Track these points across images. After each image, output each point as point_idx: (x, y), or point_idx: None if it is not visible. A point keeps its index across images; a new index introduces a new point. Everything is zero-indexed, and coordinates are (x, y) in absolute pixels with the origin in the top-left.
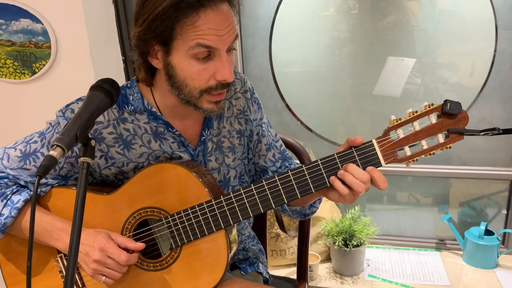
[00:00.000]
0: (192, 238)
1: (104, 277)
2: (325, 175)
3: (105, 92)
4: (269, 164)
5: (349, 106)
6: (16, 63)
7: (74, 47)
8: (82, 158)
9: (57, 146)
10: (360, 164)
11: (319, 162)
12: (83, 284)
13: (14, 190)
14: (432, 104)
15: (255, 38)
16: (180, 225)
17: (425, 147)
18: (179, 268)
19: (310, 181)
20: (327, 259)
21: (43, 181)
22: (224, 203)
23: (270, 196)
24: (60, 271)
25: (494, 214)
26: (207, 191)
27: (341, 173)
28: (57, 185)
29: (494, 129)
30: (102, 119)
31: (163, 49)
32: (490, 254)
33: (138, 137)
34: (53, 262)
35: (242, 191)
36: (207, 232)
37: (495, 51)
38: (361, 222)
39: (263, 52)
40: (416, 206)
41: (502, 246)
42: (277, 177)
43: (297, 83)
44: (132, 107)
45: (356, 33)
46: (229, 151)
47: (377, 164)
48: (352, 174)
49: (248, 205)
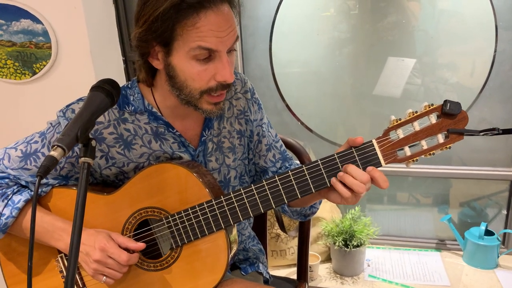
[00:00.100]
0: (193, 238)
1: (105, 277)
2: (325, 175)
3: (106, 93)
4: (269, 165)
5: (349, 107)
6: (17, 64)
7: (75, 48)
8: (83, 159)
9: (58, 147)
10: (360, 164)
11: (319, 162)
12: (84, 284)
13: (15, 190)
14: (432, 104)
15: (255, 39)
16: (181, 225)
17: (425, 147)
18: (179, 268)
19: (310, 181)
20: (327, 259)
21: (44, 181)
22: (225, 203)
23: (271, 196)
24: (61, 271)
25: (494, 215)
26: (208, 191)
27: (341, 175)
28: (58, 185)
29: (494, 129)
30: (103, 120)
31: (164, 50)
32: (490, 255)
33: (139, 138)
34: (54, 262)
35: (243, 191)
36: (208, 232)
37: (495, 52)
38: (361, 223)
39: (263, 53)
40: (416, 207)
41: (502, 247)
42: (277, 177)
43: (297, 84)
44: (133, 108)
45: (356, 34)
46: (230, 152)
47: (377, 164)
48: (352, 175)
49: (249, 205)
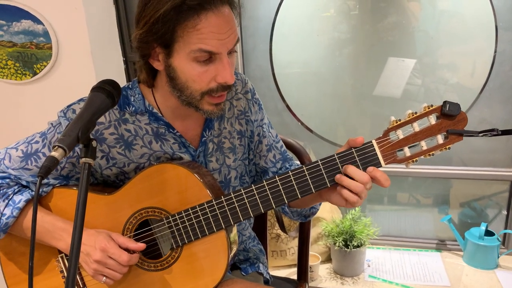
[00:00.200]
0: (193, 238)
1: (105, 278)
2: (325, 176)
3: (107, 93)
4: (270, 165)
5: (350, 107)
6: (17, 64)
7: (75, 48)
8: (84, 159)
9: (59, 147)
10: (360, 165)
11: (320, 163)
12: (84, 284)
13: (16, 190)
14: (432, 105)
15: (256, 39)
16: (181, 225)
17: (425, 148)
18: (180, 268)
19: (311, 182)
20: (328, 260)
21: (45, 181)
22: (225, 203)
23: (271, 196)
24: (61, 271)
25: (495, 215)
26: (208, 192)
27: (338, 178)
28: (59, 185)
29: (493, 130)
30: (103, 120)
31: (164, 52)
32: (491, 255)
33: (139, 138)
34: (54, 262)
35: (243, 191)
36: (208, 232)
37: (495, 52)
38: (362, 223)
39: (264, 53)
40: (417, 207)
41: (503, 247)
42: (278, 178)
43: (298, 84)
44: (133, 108)
45: (357, 34)
46: (230, 152)
47: (377, 165)
48: (352, 176)
49: (249, 205)
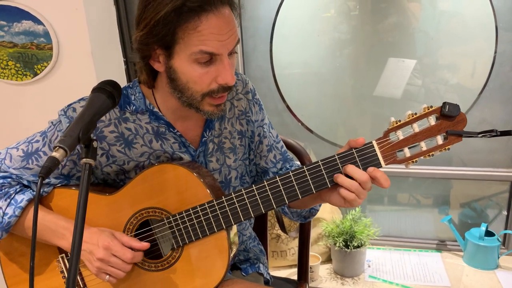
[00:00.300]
0: (194, 238)
1: (108, 276)
2: (326, 176)
3: (107, 94)
4: (270, 165)
5: (350, 107)
6: (18, 65)
7: (76, 49)
8: (84, 159)
9: (60, 148)
10: (361, 165)
11: (320, 163)
12: (84, 285)
13: (18, 190)
14: (431, 106)
15: (256, 40)
16: (182, 225)
17: (424, 149)
18: (181, 268)
19: (311, 182)
20: (328, 260)
21: (46, 181)
22: (226, 203)
23: (271, 197)
24: (62, 271)
25: (495, 215)
26: (209, 192)
27: (337, 177)
28: (59, 186)
29: (492, 131)
30: (104, 118)
31: (165, 53)
32: (491, 255)
33: (140, 137)
34: (55, 263)
35: (244, 191)
36: (209, 233)
37: (495, 53)
38: (362, 223)
39: (264, 54)
40: (417, 207)
41: (503, 247)
42: (278, 178)
43: (298, 85)
44: (134, 107)
45: (357, 35)
46: (230, 152)
47: (377, 165)
48: (352, 175)
49: (250, 205)
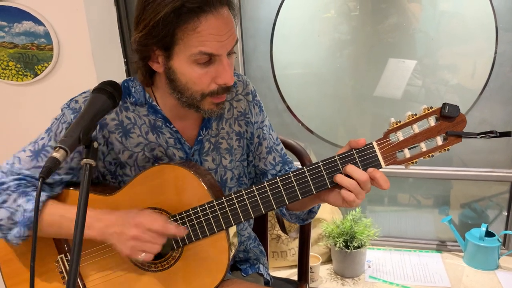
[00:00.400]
0: (194, 239)
1: (143, 254)
2: (326, 177)
3: (108, 95)
4: (269, 167)
5: (350, 108)
6: (19, 65)
7: (76, 49)
8: (85, 160)
9: (60, 148)
10: (361, 166)
11: (320, 164)
12: (84, 285)
13: (35, 188)
14: (431, 107)
15: (256, 40)
16: (182, 226)
17: (424, 150)
18: (180, 269)
19: (311, 182)
20: (328, 261)
21: (57, 178)
22: (226, 204)
23: (272, 197)
24: (61, 272)
25: (495, 216)
26: (208, 192)
27: (337, 176)
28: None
29: (492, 132)
30: None
31: (164, 54)
32: (491, 256)
33: (137, 127)
34: (54, 264)
35: (244, 192)
36: (209, 233)
37: (496, 53)
38: (362, 224)
39: (264, 54)
40: (417, 208)
41: (503, 248)
42: (279, 178)
43: (298, 85)
44: (134, 99)
45: (357, 35)
46: (227, 153)
47: (378, 166)
48: (352, 175)
49: (250, 206)
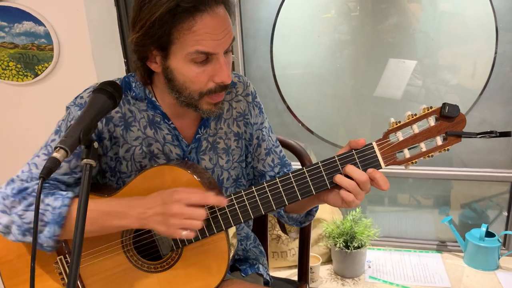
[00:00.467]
0: (193, 240)
1: (186, 231)
2: (326, 177)
3: (108, 95)
4: (268, 169)
5: (350, 108)
6: (19, 65)
7: (77, 49)
8: (85, 160)
9: (60, 148)
10: (361, 167)
11: (320, 164)
12: (83, 286)
13: (59, 190)
14: (431, 107)
15: (256, 40)
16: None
17: (424, 150)
18: (180, 270)
19: (311, 183)
20: (328, 261)
21: (77, 176)
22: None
23: (271, 198)
24: (60, 273)
25: (495, 216)
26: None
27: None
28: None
29: (491, 132)
30: None
31: (161, 54)
32: (491, 256)
33: (137, 121)
34: (53, 265)
35: (243, 193)
36: (208, 234)
37: (496, 53)
38: (362, 224)
39: (264, 54)
40: (417, 208)
41: (503, 248)
42: (278, 179)
43: (298, 85)
44: (134, 94)
45: (357, 35)
46: (224, 153)
47: (377, 167)
48: (351, 175)
49: (249, 207)
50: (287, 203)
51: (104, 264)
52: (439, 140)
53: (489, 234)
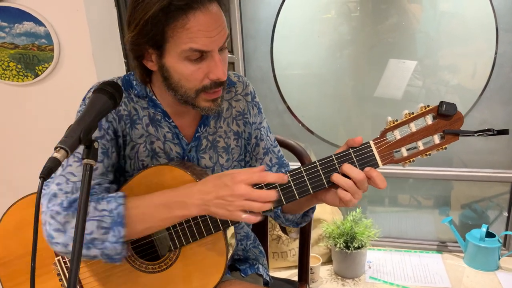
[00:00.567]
0: (191, 240)
1: (246, 214)
2: (323, 176)
3: (108, 95)
4: (265, 169)
5: (350, 108)
6: (19, 66)
7: (77, 50)
8: (86, 160)
9: (61, 148)
10: (358, 166)
11: (317, 163)
12: (82, 287)
13: (108, 194)
14: (428, 106)
15: (257, 41)
16: (179, 227)
17: (421, 148)
18: (178, 270)
19: (308, 182)
20: (329, 261)
21: (111, 177)
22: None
23: None
24: (58, 274)
25: (495, 216)
26: None
27: (332, 176)
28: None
29: (489, 130)
30: None
31: (157, 52)
32: (491, 256)
33: (141, 119)
34: (51, 266)
35: None
36: (206, 234)
37: (496, 54)
38: (363, 224)
39: (265, 55)
40: (418, 208)
41: (503, 248)
42: None
43: (298, 85)
44: (135, 92)
45: (357, 36)
46: (223, 152)
47: (375, 165)
48: (348, 174)
49: None
50: (285, 203)
51: (103, 265)
52: (437, 139)
53: (490, 235)
